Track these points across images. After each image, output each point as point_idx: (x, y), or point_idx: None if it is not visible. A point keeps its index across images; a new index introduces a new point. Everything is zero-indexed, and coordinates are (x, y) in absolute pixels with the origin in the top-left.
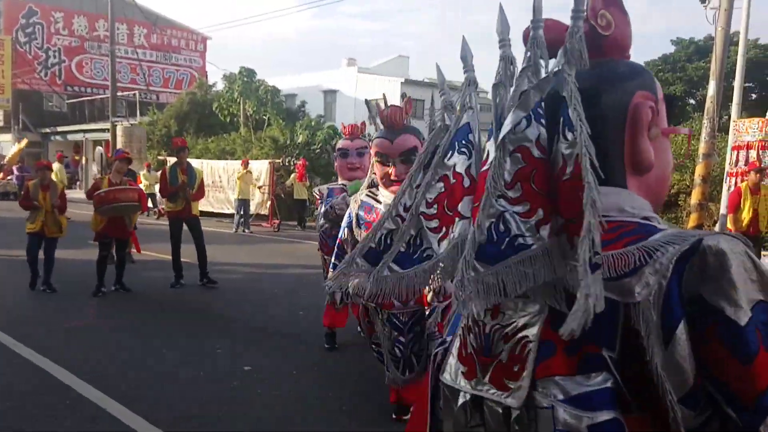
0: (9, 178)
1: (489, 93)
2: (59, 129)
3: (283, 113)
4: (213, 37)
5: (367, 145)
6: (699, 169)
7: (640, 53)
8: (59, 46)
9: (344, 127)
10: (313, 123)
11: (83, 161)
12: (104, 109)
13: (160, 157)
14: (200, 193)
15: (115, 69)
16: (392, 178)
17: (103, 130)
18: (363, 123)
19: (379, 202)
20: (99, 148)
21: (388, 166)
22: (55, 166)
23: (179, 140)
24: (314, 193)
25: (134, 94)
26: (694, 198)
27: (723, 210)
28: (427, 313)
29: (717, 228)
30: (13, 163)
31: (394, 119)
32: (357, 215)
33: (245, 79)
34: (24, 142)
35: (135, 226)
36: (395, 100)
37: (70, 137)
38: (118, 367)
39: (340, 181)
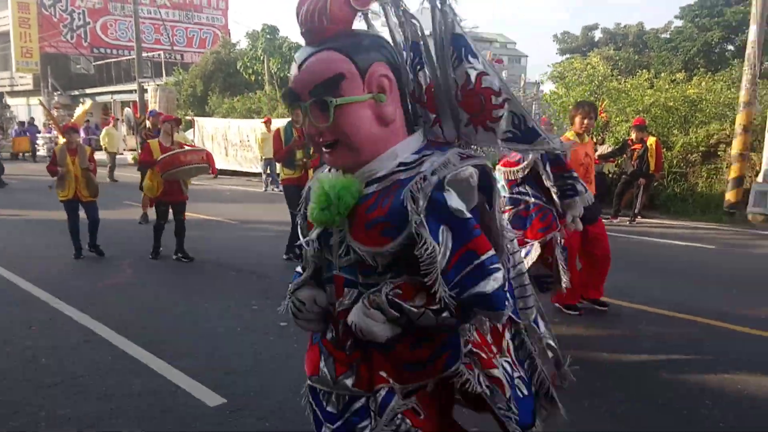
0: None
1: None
2: (87, 91)
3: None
4: None
5: None
6: (740, 118)
7: None
8: (83, 8)
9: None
10: None
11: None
12: (130, 70)
13: (187, 117)
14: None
15: (140, 29)
16: None
17: (130, 91)
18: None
19: None
20: (127, 109)
21: None
22: (109, 129)
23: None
24: None
25: (159, 55)
26: (735, 148)
27: (767, 162)
28: None
29: (760, 179)
30: (80, 125)
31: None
32: None
33: (268, 36)
34: (89, 103)
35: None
36: None
37: (98, 99)
38: (157, 324)
39: None
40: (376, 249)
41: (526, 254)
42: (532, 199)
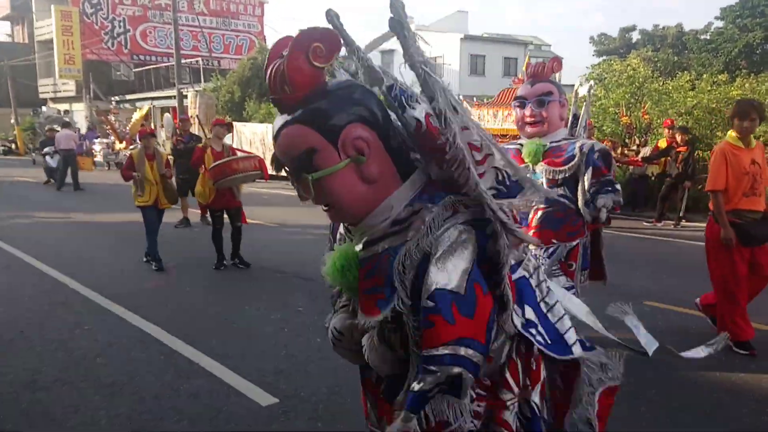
0: (132, 147)
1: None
2: (128, 97)
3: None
4: (269, 1)
5: (552, 90)
6: None
7: None
8: (124, 16)
9: (528, 65)
10: None
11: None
12: (169, 76)
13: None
14: None
15: (178, 36)
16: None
17: (169, 97)
18: (555, 59)
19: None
20: (167, 115)
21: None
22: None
23: None
24: None
25: (197, 61)
26: None
27: None
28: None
29: None
30: (136, 131)
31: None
32: None
33: None
34: (145, 108)
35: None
36: (454, 57)
37: (138, 105)
38: (205, 325)
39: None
40: (371, 318)
41: (551, 254)
42: (568, 203)
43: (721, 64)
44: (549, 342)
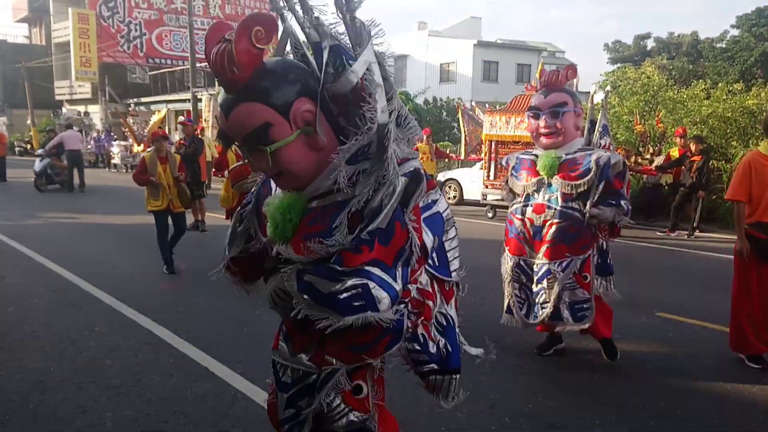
0: (150, 149)
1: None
2: (143, 100)
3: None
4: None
5: (567, 101)
6: None
7: (736, 5)
8: (140, 20)
9: (542, 73)
10: None
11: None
12: (184, 79)
13: None
14: None
15: (194, 40)
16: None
17: (183, 101)
18: (569, 67)
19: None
20: (181, 118)
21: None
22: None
23: None
24: (501, 163)
25: None
26: None
27: None
28: None
29: None
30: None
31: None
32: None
33: None
34: (164, 110)
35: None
36: (467, 62)
37: (153, 107)
38: (215, 328)
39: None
40: (308, 258)
41: (565, 267)
42: (581, 216)
43: (737, 72)
44: (437, 265)
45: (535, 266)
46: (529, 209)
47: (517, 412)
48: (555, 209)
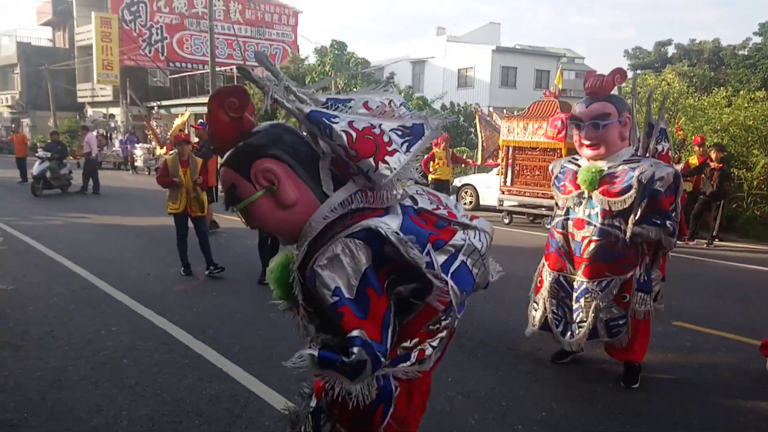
0: (172, 152)
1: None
2: (163, 103)
3: (373, 86)
4: (303, 11)
5: (611, 111)
6: None
7: (758, 13)
8: (161, 24)
9: (588, 78)
10: (402, 95)
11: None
12: (204, 83)
13: None
14: None
15: (214, 45)
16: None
17: (203, 104)
18: (617, 71)
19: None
20: (201, 122)
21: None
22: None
23: None
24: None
25: (231, 69)
26: None
27: None
28: None
29: None
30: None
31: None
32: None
33: (336, 52)
34: (187, 113)
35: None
36: (485, 68)
37: (173, 111)
38: (231, 330)
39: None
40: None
41: (604, 287)
42: (622, 234)
43: (759, 80)
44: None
45: (575, 283)
46: (570, 223)
47: (530, 420)
48: (595, 226)
